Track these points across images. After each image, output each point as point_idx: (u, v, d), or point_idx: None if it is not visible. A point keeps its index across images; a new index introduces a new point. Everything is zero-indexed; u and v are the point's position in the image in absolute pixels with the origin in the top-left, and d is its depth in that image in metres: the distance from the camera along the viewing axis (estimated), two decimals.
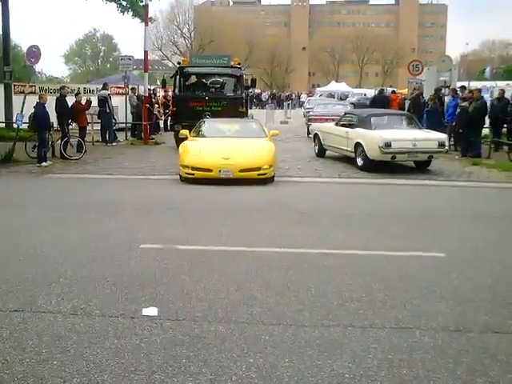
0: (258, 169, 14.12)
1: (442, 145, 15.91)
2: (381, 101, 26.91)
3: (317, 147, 19.79)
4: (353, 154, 16.86)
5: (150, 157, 19.25)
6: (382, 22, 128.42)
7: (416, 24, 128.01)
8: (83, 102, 20.78)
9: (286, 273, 7.11)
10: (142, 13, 26.48)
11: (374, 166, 15.97)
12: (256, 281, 6.76)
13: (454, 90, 22.05)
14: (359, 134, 16.55)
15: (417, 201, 12.63)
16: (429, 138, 16.15)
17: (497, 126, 20.86)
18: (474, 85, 28.67)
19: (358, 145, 16.48)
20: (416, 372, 4.59)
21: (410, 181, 14.90)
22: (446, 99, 22.08)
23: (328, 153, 19.29)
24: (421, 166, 16.68)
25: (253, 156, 14.35)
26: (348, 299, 6.17)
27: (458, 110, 19.56)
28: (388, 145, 15.41)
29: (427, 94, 23.04)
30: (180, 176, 14.50)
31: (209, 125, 17.08)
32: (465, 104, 19.32)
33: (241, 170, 13.96)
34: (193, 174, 14.11)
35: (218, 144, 15.19)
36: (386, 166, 16.08)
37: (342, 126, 18.00)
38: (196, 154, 14.53)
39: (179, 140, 17.35)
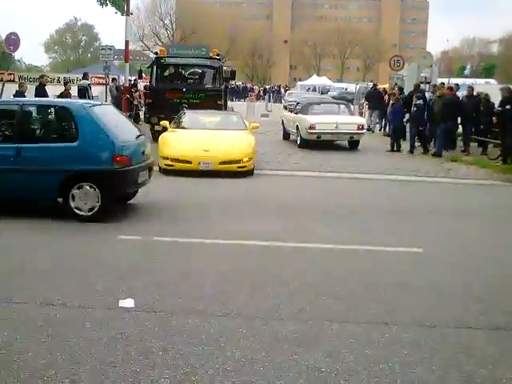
0: (238, 161, 14.09)
1: (361, 127, 19.96)
2: (374, 95, 27.58)
3: (282, 131, 23.50)
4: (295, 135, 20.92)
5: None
6: (364, 17, 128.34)
7: (397, 20, 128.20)
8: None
9: (263, 266, 7.12)
10: (121, 4, 26.22)
11: (308, 145, 19.77)
12: (233, 274, 6.76)
13: (435, 87, 22.11)
14: (298, 119, 20.72)
15: (395, 196, 12.70)
16: (350, 121, 20.14)
17: (467, 124, 20.59)
18: (455, 82, 28.87)
19: (297, 127, 20.56)
20: (392, 367, 4.62)
21: (390, 176, 14.95)
22: (427, 95, 22.09)
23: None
24: (352, 146, 20.52)
25: (233, 148, 14.29)
26: (324, 293, 6.18)
27: (414, 108, 19.53)
28: (312, 127, 19.26)
29: (408, 89, 23.08)
30: (159, 167, 14.25)
31: (189, 116, 16.89)
32: (419, 102, 19.49)
33: (221, 163, 13.90)
34: (172, 166, 14.05)
35: (198, 136, 15.07)
36: (320, 144, 19.71)
37: (295, 113, 21.92)
38: (175, 145, 14.50)
39: (155, 133, 17.69)
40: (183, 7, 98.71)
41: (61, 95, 19.62)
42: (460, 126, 20.43)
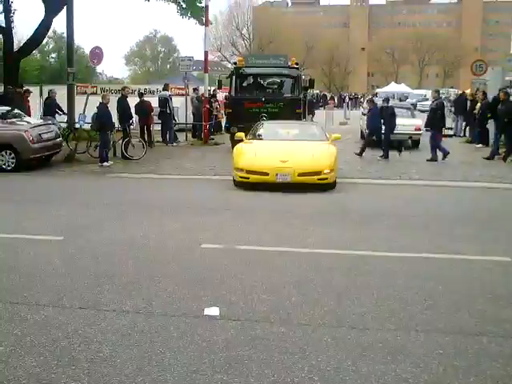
0: (319, 173, 13.17)
1: (418, 129, 22.04)
2: (459, 102, 27.80)
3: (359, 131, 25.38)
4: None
5: (209, 157, 19.34)
6: (443, 21, 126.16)
7: (479, 23, 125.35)
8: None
9: (347, 275, 7.04)
10: (199, 15, 26.63)
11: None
12: (317, 282, 6.72)
13: None
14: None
15: (480, 203, 12.36)
16: (408, 123, 21.82)
17: None
18: None
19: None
20: (483, 380, 4.47)
21: (475, 184, 14.58)
22: None
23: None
24: (414, 145, 22.58)
25: (313, 159, 13.43)
26: (411, 303, 6.06)
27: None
28: None
29: (491, 94, 22.50)
30: (234, 180, 13.82)
31: (266, 127, 16.36)
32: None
33: (300, 174, 13.07)
34: (248, 178, 13.33)
35: (275, 146, 14.37)
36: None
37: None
38: (251, 156, 13.77)
39: (235, 142, 16.99)
40: (260, 17, 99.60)
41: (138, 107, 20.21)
42: None
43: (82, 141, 19.01)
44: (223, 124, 27.76)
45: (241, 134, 15.81)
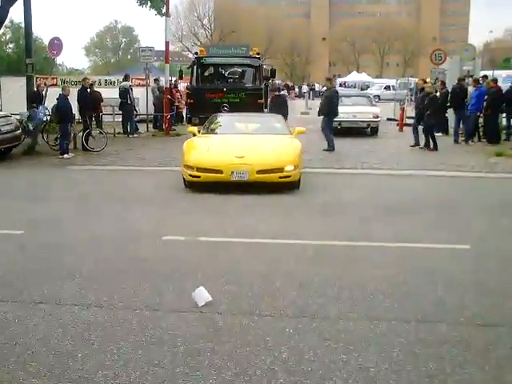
0: (281, 170, 11.74)
1: (376, 116, 23.26)
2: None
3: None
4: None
5: (171, 148, 19.16)
6: (402, 11, 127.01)
7: (437, 13, 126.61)
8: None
9: (309, 265, 7.06)
10: (159, 5, 26.37)
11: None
12: (279, 273, 6.73)
13: (476, 80, 21.79)
14: None
15: (440, 192, 12.49)
16: (366, 111, 22.92)
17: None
18: (499, 74, 28.33)
19: None
20: (442, 366, 4.53)
21: (434, 172, 14.74)
22: (470, 89, 21.84)
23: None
24: (372, 132, 23.50)
25: (274, 154, 12.02)
26: (373, 291, 6.10)
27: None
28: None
29: (450, 83, 22.80)
30: (184, 180, 12.34)
31: (222, 120, 14.98)
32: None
33: (259, 172, 11.60)
34: (199, 177, 11.82)
35: (231, 140, 12.94)
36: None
37: None
38: (203, 151, 12.35)
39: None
40: (221, 7, 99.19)
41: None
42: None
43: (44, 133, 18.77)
44: (184, 114, 27.68)
45: (193, 129, 14.61)
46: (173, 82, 26.98)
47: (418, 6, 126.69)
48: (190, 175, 11.92)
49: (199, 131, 14.10)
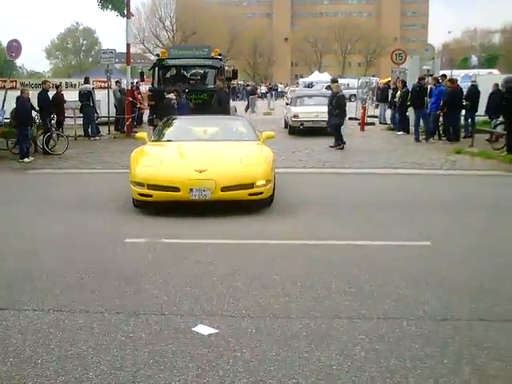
0: (251, 186, 9.82)
1: None
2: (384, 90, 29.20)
3: (283, 121, 26.87)
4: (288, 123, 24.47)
5: (132, 150, 18.94)
6: (364, 11, 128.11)
7: (398, 13, 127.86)
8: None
9: (272, 264, 7.08)
10: (121, 7, 26.20)
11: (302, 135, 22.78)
12: (241, 273, 6.73)
13: (437, 79, 22.16)
14: (288, 110, 25.23)
15: (401, 190, 12.62)
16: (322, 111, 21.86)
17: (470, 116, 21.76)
18: (457, 73, 28.81)
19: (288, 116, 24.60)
20: (403, 362, 4.58)
21: (396, 170, 14.89)
22: (430, 88, 22.19)
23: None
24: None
25: (242, 167, 10.11)
26: (334, 290, 6.14)
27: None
28: (295, 116, 23.17)
29: (410, 83, 23.10)
30: (133, 200, 10.32)
31: (177, 124, 13.02)
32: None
33: (224, 189, 9.66)
34: (150, 196, 9.79)
35: (189, 150, 11.01)
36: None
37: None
38: (155, 164, 10.23)
39: None
40: (183, 8, 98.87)
41: (53, 99, 19.68)
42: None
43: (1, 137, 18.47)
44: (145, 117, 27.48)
45: (142, 135, 12.61)
46: (134, 83, 26.81)
47: (379, 6, 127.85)
48: (140, 194, 9.91)
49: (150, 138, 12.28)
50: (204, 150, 10.89)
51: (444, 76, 23.11)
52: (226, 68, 23.67)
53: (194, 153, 10.79)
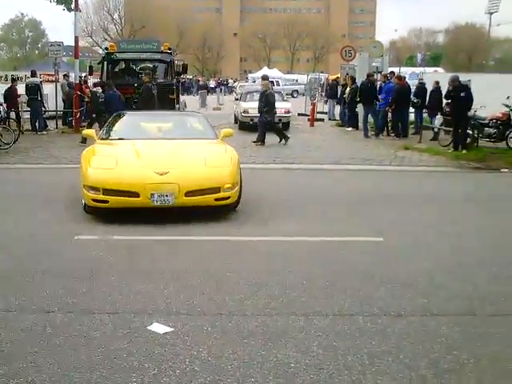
0: (217, 190, 8.98)
1: (287, 111, 23.49)
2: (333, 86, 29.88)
3: (233, 116, 27.28)
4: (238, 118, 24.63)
5: (81, 145, 18.74)
6: (313, 8, 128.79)
7: (346, 10, 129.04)
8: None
9: (226, 261, 7.04)
10: (68, 1, 25.69)
11: (248, 127, 22.63)
12: (195, 270, 6.67)
13: (386, 76, 22.50)
14: (237, 105, 25.84)
15: (351, 186, 12.72)
16: (277, 106, 20.77)
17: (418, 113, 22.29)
18: (405, 70, 29.29)
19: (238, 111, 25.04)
20: (361, 358, 4.60)
21: (345, 166, 15.01)
22: (379, 84, 22.51)
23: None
24: (284, 127, 22.63)
25: (207, 169, 9.21)
26: (289, 286, 6.14)
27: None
28: (245, 111, 23.23)
29: (360, 79, 23.34)
30: (84, 205, 9.32)
31: (128, 120, 12.06)
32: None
33: (188, 193, 8.80)
34: (106, 202, 8.79)
35: (146, 149, 9.98)
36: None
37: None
38: (110, 165, 9.12)
39: None
40: (131, 1, 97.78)
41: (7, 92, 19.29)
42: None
43: None
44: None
45: (89, 132, 11.58)
46: (83, 77, 26.39)
47: (328, 3, 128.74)
48: (94, 200, 8.89)
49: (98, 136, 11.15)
50: (163, 149, 9.91)
51: (392, 73, 23.49)
52: (176, 62, 23.46)
53: (152, 153, 9.77)
